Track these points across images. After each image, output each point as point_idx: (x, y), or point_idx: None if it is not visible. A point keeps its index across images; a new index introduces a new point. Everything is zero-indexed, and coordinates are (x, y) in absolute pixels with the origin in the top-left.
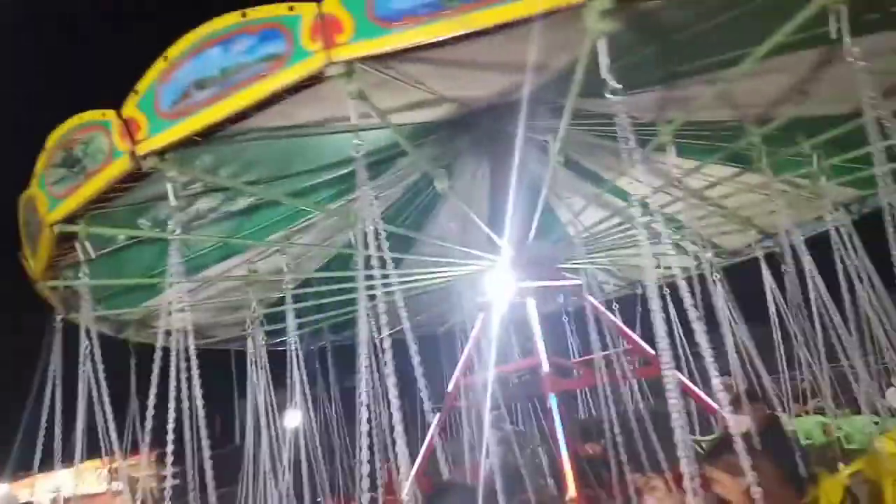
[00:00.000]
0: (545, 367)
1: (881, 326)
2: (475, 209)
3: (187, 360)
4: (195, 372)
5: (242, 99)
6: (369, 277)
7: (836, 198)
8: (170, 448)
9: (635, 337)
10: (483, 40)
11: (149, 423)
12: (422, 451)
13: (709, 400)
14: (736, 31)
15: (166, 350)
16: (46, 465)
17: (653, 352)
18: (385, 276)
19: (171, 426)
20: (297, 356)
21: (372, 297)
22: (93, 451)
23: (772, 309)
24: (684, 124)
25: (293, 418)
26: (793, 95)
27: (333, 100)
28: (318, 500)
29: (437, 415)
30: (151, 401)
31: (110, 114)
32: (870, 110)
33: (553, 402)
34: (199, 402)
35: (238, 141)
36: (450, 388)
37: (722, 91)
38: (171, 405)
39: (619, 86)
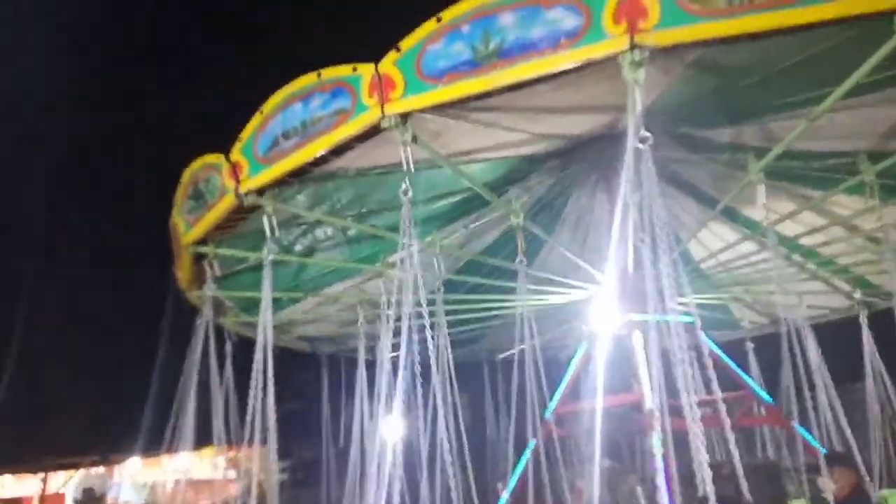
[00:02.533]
0: (648, 405)
1: None
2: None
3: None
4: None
5: (318, 146)
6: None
7: None
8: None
9: (750, 382)
10: (537, 88)
11: (262, 418)
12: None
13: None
14: (809, 74)
15: (293, 353)
16: (172, 447)
17: (769, 400)
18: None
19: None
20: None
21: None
22: (210, 440)
23: None
24: (803, 156)
25: (395, 428)
26: None
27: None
28: None
29: (534, 442)
30: (269, 398)
31: (221, 158)
32: None
33: (656, 441)
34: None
35: (327, 179)
36: (548, 415)
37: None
38: (287, 404)
39: (649, 135)
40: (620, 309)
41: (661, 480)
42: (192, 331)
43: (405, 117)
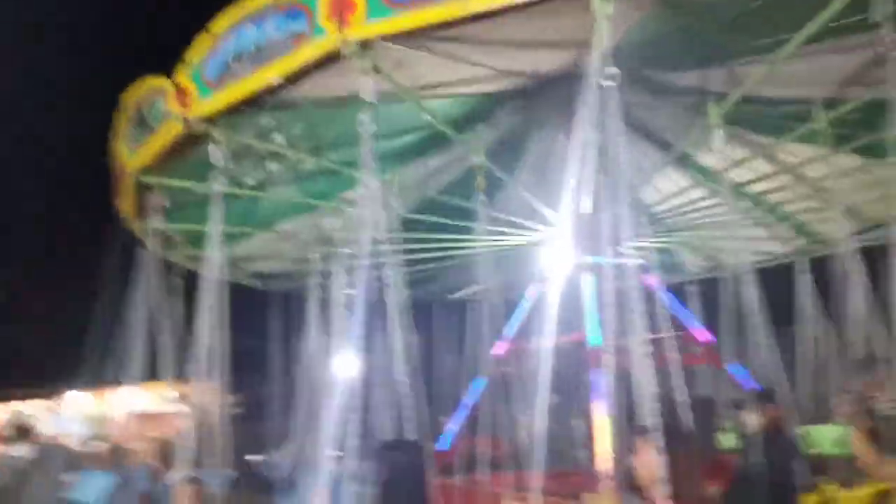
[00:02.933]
0: (590, 343)
1: None
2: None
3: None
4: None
5: (272, 72)
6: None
7: None
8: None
9: (691, 323)
10: (504, 18)
11: (208, 353)
12: (465, 412)
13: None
14: (776, 16)
15: (245, 288)
16: (120, 381)
17: (707, 340)
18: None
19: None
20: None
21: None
22: (163, 374)
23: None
24: (761, 102)
25: (348, 364)
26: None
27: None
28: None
29: (481, 379)
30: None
31: (166, 81)
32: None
33: (594, 377)
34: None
35: (281, 109)
36: (499, 352)
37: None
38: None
39: (616, 71)
40: (573, 250)
41: (596, 414)
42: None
43: (366, 44)
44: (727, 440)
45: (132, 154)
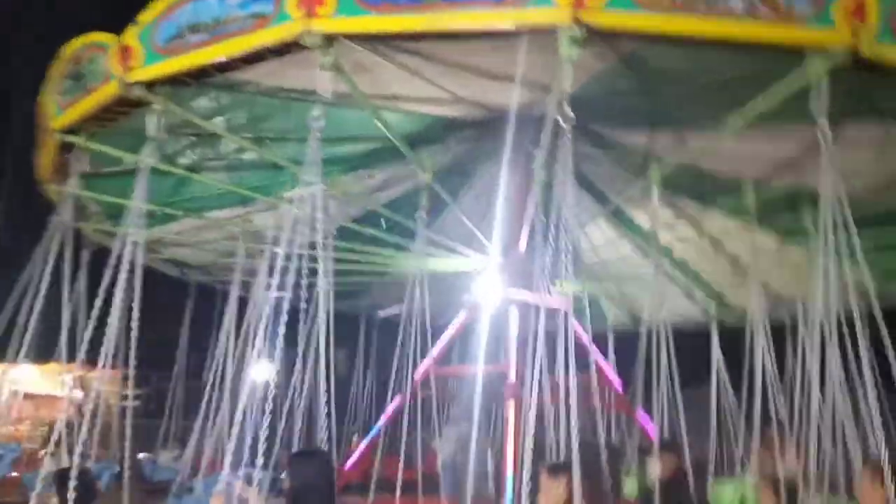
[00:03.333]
0: (511, 376)
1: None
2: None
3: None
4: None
5: (226, 49)
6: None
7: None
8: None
9: (608, 370)
10: (472, 44)
11: (114, 339)
12: (375, 429)
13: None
14: (726, 93)
15: (160, 275)
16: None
17: (619, 389)
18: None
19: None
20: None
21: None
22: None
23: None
24: (698, 171)
25: (262, 370)
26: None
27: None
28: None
29: (397, 398)
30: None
31: (111, 38)
32: (827, 191)
33: (511, 410)
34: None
35: (226, 91)
36: (417, 375)
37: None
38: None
39: (573, 115)
40: (503, 283)
41: (508, 447)
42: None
43: (330, 39)
44: (630, 486)
45: (61, 111)
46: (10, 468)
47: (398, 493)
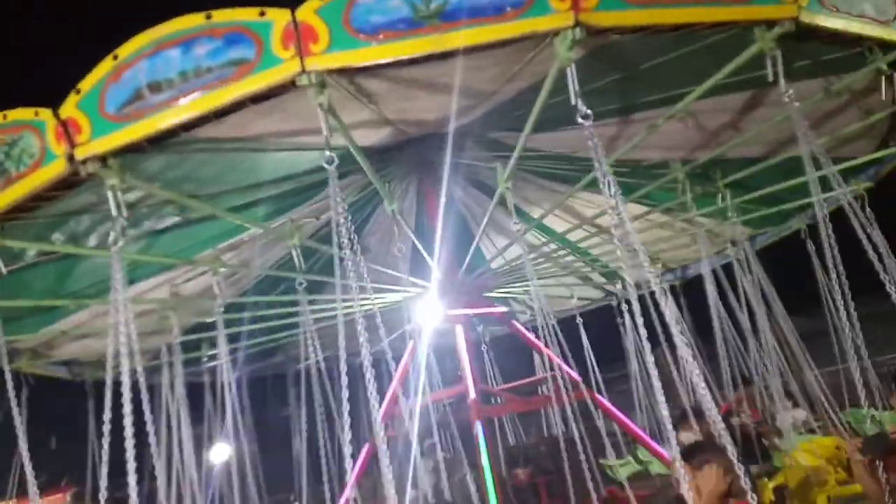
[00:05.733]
0: (472, 395)
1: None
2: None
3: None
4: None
5: (204, 103)
6: (294, 304)
7: (733, 235)
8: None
9: (561, 362)
10: (453, 62)
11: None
12: (350, 480)
13: (628, 422)
14: (676, 72)
15: (69, 383)
16: None
17: (578, 377)
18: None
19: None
20: (227, 384)
21: (293, 325)
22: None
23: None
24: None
25: (221, 451)
26: (717, 137)
27: (292, 113)
28: None
29: (366, 445)
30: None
31: (45, 113)
32: (805, 145)
33: (479, 429)
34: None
35: (187, 150)
36: (378, 417)
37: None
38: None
39: (590, 111)
40: (443, 305)
41: (483, 462)
42: None
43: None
44: (624, 470)
45: None
46: None
47: None
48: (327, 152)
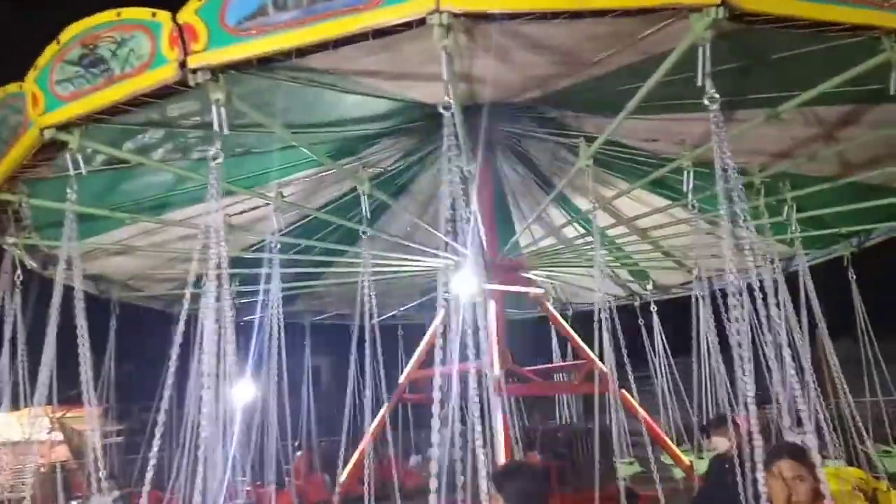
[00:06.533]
0: (495, 371)
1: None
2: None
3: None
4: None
5: (328, 29)
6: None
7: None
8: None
9: (589, 351)
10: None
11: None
12: (364, 440)
13: (651, 422)
14: (788, 72)
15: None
16: None
17: (605, 368)
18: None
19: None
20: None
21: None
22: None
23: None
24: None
25: (245, 391)
26: (804, 147)
27: (404, 55)
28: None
29: (385, 406)
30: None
31: (163, 15)
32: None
33: (498, 405)
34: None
35: (279, 77)
36: (401, 380)
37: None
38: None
39: (717, 95)
40: (473, 278)
41: (498, 441)
42: None
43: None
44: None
45: (57, 104)
46: None
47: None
48: (445, 97)
